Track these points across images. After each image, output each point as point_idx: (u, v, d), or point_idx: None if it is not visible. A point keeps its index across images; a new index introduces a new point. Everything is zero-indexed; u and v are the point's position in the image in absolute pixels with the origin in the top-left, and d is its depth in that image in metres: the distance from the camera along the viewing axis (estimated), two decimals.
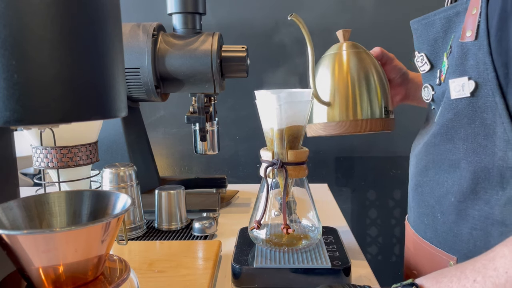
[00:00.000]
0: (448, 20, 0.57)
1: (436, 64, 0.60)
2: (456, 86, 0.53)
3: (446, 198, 0.57)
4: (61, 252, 0.37)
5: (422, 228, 0.63)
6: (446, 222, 0.57)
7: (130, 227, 0.79)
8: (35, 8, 0.32)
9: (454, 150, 0.55)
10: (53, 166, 0.76)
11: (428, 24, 0.60)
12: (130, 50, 0.86)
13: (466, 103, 0.52)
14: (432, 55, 0.61)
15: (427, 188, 0.61)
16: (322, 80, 0.70)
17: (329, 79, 0.69)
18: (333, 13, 1.34)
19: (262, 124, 0.66)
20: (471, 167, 0.52)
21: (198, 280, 0.58)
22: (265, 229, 0.65)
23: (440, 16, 0.58)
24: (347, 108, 0.68)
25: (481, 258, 0.41)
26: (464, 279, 0.40)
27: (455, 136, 0.55)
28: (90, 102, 0.36)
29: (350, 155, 1.43)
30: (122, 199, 0.43)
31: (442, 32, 0.58)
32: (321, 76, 0.70)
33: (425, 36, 0.61)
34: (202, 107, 0.89)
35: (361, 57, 0.69)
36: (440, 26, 0.58)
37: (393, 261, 1.48)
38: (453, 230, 0.56)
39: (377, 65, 0.71)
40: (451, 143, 0.55)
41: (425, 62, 0.61)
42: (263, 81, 1.29)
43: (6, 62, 0.32)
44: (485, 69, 0.49)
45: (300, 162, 0.64)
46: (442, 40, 0.58)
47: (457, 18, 0.55)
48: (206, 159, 1.42)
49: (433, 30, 0.59)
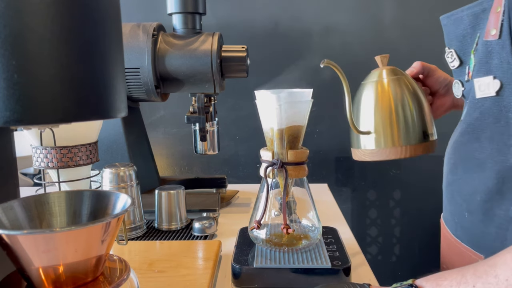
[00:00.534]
0: (476, 16, 0.56)
1: (465, 60, 0.59)
2: (481, 85, 0.52)
3: (473, 197, 0.56)
4: (61, 252, 0.37)
5: (453, 226, 0.63)
6: (473, 221, 0.57)
7: (130, 227, 0.79)
8: (35, 8, 0.32)
9: (480, 149, 0.55)
10: (53, 166, 0.76)
11: (456, 20, 0.59)
12: (130, 50, 0.86)
13: (492, 102, 0.52)
14: (461, 51, 0.60)
15: (456, 186, 0.61)
16: (359, 109, 0.71)
17: (366, 108, 0.70)
18: (333, 12, 1.33)
19: (262, 124, 0.66)
20: (496, 166, 0.52)
21: (198, 280, 0.58)
22: (265, 229, 0.65)
23: (468, 13, 0.57)
24: (385, 136, 0.69)
25: (483, 263, 0.41)
26: (464, 284, 0.40)
27: (481, 135, 0.54)
28: (90, 102, 0.36)
29: (350, 155, 1.42)
30: (122, 199, 0.43)
31: (470, 29, 0.57)
32: (358, 104, 0.71)
33: (454, 32, 0.60)
34: (202, 107, 0.89)
35: (398, 84, 0.70)
36: (468, 22, 0.57)
37: (393, 261, 1.48)
38: (480, 229, 0.56)
39: (416, 89, 0.70)
40: (478, 142, 0.55)
41: (455, 58, 0.61)
42: (263, 81, 1.29)
43: (6, 62, 0.32)
44: (508, 68, 0.48)
45: (300, 162, 0.64)
46: (470, 36, 0.58)
47: (484, 15, 0.54)
48: (206, 159, 1.42)
49: (462, 26, 0.59)
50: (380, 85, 0.70)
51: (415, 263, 1.47)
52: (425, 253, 1.47)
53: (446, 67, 0.69)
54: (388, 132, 0.69)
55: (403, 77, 0.71)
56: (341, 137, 1.40)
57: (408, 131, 0.69)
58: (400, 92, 0.69)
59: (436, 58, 0.80)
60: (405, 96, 0.69)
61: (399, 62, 0.82)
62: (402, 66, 0.74)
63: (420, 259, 1.47)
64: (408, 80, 0.71)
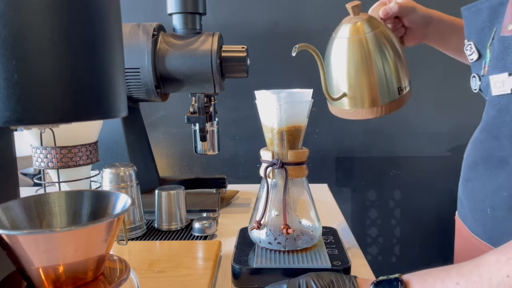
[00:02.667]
0: (494, 9, 0.55)
1: (483, 54, 0.58)
2: (496, 82, 0.51)
3: (497, 193, 0.55)
4: (61, 252, 0.37)
5: (473, 223, 0.61)
6: (496, 217, 0.56)
7: (130, 227, 0.79)
8: (35, 8, 0.32)
9: (500, 147, 0.54)
10: (53, 166, 0.76)
11: (476, 11, 0.58)
12: (130, 50, 0.85)
13: (508, 99, 0.51)
14: (479, 44, 0.58)
15: (477, 182, 0.59)
16: (331, 69, 0.69)
17: (340, 68, 0.68)
18: (333, 12, 1.33)
19: (262, 124, 0.66)
20: None
21: (198, 280, 0.58)
22: (265, 229, 0.65)
23: (487, 5, 0.56)
24: (362, 97, 0.67)
25: (468, 263, 0.41)
26: (448, 281, 0.40)
27: (499, 133, 0.53)
28: (90, 102, 0.36)
29: (350, 155, 1.43)
30: (122, 199, 0.43)
31: (488, 22, 0.56)
32: (329, 63, 0.69)
33: (474, 24, 0.59)
34: (202, 107, 0.89)
35: (373, 41, 0.66)
36: (487, 15, 0.56)
37: (393, 261, 1.48)
38: (504, 226, 0.55)
39: (392, 42, 0.67)
40: (497, 140, 0.54)
41: (474, 51, 0.59)
42: (263, 81, 1.29)
43: (6, 62, 0.32)
44: None
45: (300, 162, 0.64)
46: (488, 29, 0.56)
47: (501, 8, 0.53)
48: (206, 159, 1.42)
49: (481, 18, 0.57)
50: (353, 44, 0.66)
51: (415, 263, 1.47)
52: (425, 253, 1.47)
53: (450, 65, 0.67)
54: (365, 94, 0.67)
55: (377, 30, 0.67)
56: (341, 137, 1.40)
57: (383, 90, 0.67)
58: (375, 51, 0.66)
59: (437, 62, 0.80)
60: (381, 55, 0.66)
61: None
62: None
63: (420, 259, 1.47)
64: (383, 32, 0.67)
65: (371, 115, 0.68)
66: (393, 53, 0.67)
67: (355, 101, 0.68)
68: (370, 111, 0.68)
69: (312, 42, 0.76)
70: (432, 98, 1.38)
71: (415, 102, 1.41)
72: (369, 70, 0.66)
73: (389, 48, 0.67)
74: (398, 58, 0.68)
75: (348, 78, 0.67)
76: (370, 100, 0.67)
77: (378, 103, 0.67)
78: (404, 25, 0.74)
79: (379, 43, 0.66)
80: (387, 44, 0.67)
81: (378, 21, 0.68)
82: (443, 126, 1.40)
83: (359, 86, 0.67)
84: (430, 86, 1.37)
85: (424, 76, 1.36)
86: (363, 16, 0.68)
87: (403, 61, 0.69)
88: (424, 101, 1.38)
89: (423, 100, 1.37)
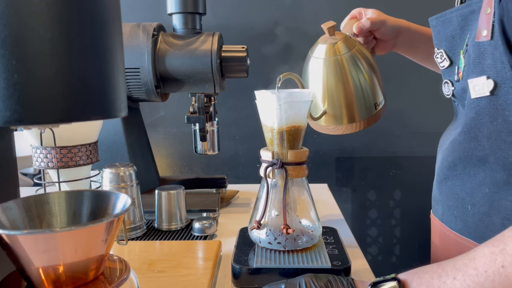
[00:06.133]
0: (464, 18, 0.57)
1: (454, 60, 0.61)
2: (475, 85, 0.53)
3: (479, 190, 0.57)
4: (61, 252, 0.37)
5: (452, 220, 0.63)
6: (477, 213, 0.57)
7: (130, 227, 0.79)
8: (35, 8, 0.32)
9: (479, 147, 0.55)
10: (53, 166, 0.76)
11: (445, 21, 0.60)
12: (130, 50, 0.85)
13: (487, 101, 0.52)
14: (450, 51, 0.61)
15: (457, 181, 0.61)
16: (309, 86, 0.73)
17: (319, 87, 0.71)
18: (333, 13, 1.33)
19: (262, 124, 0.66)
20: (500, 161, 0.53)
21: (198, 280, 0.58)
22: (265, 229, 0.65)
23: (457, 14, 0.58)
24: (341, 115, 0.72)
25: (462, 257, 0.42)
26: (445, 276, 0.41)
27: (478, 134, 0.55)
28: (90, 102, 0.36)
29: (350, 155, 1.43)
30: (122, 199, 0.43)
31: (459, 30, 0.58)
32: (307, 80, 0.73)
33: (443, 33, 0.61)
34: (202, 107, 0.89)
35: (350, 63, 0.70)
36: (457, 23, 0.58)
37: (393, 261, 1.48)
38: (485, 221, 0.56)
39: (367, 60, 0.71)
40: (476, 141, 0.56)
41: (445, 58, 0.62)
42: (263, 81, 1.29)
43: (6, 62, 0.32)
44: (502, 68, 0.49)
45: (300, 162, 0.64)
46: (459, 37, 0.59)
47: (472, 16, 0.55)
48: (206, 159, 1.42)
49: (450, 27, 0.60)
50: (330, 65, 0.70)
51: (415, 263, 1.46)
52: (425, 253, 1.47)
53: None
54: (344, 112, 0.71)
55: (353, 51, 0.70)
56: (341, 137, 1.40)
57: (361, 107, 0.71)
58: (352, 71, 0.69)
59: None
60: (358, 75, 0.70)
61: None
62: None
63: (420, 259, 1.47)
64: (359, 51, 0.71)
65: (350, 131, 0.73)
66: (369, 70, 0.71)
67: (335, 119, 0.72)
68: (349, 127, 0.73)
69: (312, 42, 0.76)
70: (432, 98, 1.38)
71: (415, 102, 1.41)
72: (347, 89, 0.70)
73: (365, 66, 0.71)
74: (373, 75, 0.72)
75: (327, 98, 0.71)
76: (348, 117, 0.72)
77: (356, 119, 0.72)
78: (375, 37, 0.79)
79: (355, 63, 0.70)
80: (363, 63, 0.71)
81: (353, 40, 0.72)
82: (443, 126, 1.40)
83: (338, 104, 0.71)
84: (430, 86, 1.37)
85: (424, 76, 1.36)
86: (338, 36, 0.72)
87: (378, 76, 0.73)
88: (424, 101, 1.38)
89: (423, 100, 1.37)
